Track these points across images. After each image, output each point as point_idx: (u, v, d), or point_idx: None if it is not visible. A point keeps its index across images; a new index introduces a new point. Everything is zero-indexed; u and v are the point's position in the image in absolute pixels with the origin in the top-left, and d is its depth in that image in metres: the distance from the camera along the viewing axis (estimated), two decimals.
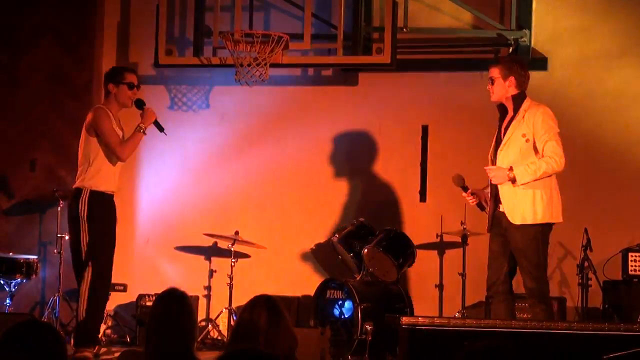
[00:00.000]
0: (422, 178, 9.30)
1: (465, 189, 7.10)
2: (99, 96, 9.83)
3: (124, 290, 9.36)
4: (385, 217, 9.06)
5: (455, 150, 9.17)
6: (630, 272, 8.30)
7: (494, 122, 9.17)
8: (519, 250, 6.80)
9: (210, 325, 9.00)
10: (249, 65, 8.56)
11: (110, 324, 9.15)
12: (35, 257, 9.22)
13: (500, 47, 9.22)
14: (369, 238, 8.56)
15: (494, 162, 6.97)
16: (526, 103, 6.96)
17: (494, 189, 6.93)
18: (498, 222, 6.93)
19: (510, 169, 6.76)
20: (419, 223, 9.19)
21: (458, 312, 8.58)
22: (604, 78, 8.97)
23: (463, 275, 8.62)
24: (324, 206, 9.48)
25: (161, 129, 7.84)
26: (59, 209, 9.20)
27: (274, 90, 9.38)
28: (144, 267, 9.68)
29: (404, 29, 9.03)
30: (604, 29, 9.00)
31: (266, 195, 9.60)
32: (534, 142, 6.80)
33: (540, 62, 9.05)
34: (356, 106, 9.43)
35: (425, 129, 9.32)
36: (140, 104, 7.79)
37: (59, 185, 9.45)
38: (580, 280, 8.44)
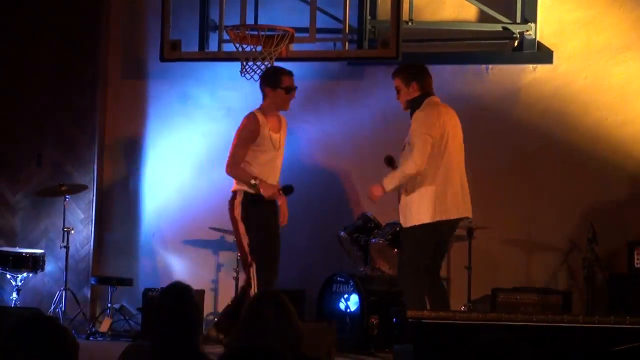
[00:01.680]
0: None
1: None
2: (104, 91, 9.85)
3: (130, 284, 9.38)
4: (391, 211, 9.05)
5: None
6: (636, 266, 8.31)
7: (499, 114, 9.18)
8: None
9: (216, 319, 9.01)
10: (254, 59, 8.55)
11: (116, 318, 9.17)
12: (41, 251, 9.24)
13: (506, 41, 9.21)
14: (375, 231, 8.56)
15: None
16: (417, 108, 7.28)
17: None
18: None
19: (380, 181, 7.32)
20: None
21: (464, 306, 8.59)
22: (610, 71, 8.97)
23: (469, 268, 8.62)
24: (330, 200, 9.48)
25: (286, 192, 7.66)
26: (65, 203, 9.21)
27: None
28: (150, 261, 9.70)
29: (409, 23, 9.02)
30: (610, 22, 8.99)
31: None
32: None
33: (546, 56, 9.05)
34: (362, 100, 9.43)
35: None
36: (287, 191, 7.62)
37: (65, 180, 9.47)
38: (586, 274, 8.44)
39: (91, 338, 8.94)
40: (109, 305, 9.18)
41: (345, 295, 8.47)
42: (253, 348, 2.71)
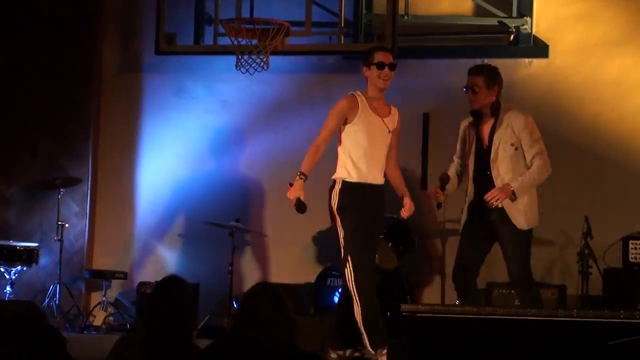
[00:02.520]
0: (423, 166, 9.30)
1: (444, 189, 7.18)
2: (98, 83, 9.83)
3: (125, 277, 9.38)
4: (385, 205, 9.04)
5: (456, 138, 9.15)
6: (630, 260, 8.31)
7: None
8: (506, 242, 7.10)
9: (210, 314, 9.00)
10: (249, 53, 8.54)
11: (110, 311, 9.16)
12: (35, 244, 9.23)
13: (502, 35, 9.20)
14: None
15: (479, 172, 7.06)
16: (504, 109, 7.05)
17: (476, 189, 7.06)
18: (480, 215, 7.04)
19: (509, 185, 6.88)
20: (420, 210, 9.15)
21: (459, 300, 8.57)
22: (605, 65, 8.96)
23: None
24: (325, 194, 9.46)
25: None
26: (59, 197, 9.20)
27: (274, 78, 9.36)
28: (145, 255, 9.69)
29: (405, 17, 9.01)
30: (605, 17, 8.98)
31: (267, 183, 9.59)
32: (522, 150, 6.96)
33: (542, 50, 9.05)
34: None
35: (426, 117, 9.31)
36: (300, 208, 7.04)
37: (60, 172, 9.45)
38: (580, 268, 8.44)
39: (85, 331, 8.93)
40: (103, 298, 9.18)
41: (340, 289, 8.46)
42: (241, 339, 2.71)
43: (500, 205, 6.90)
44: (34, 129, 9.67)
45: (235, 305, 8.65)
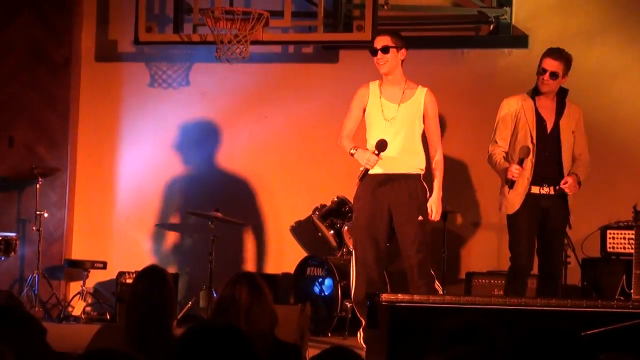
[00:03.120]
0: None
1: (521, 162, 6.96)
2: (77, 72, 9.78)
3: (104, 267, 9.35)
4: None
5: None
6: (608, 250, 8.34)
7: (475, 98, 9.18)
8: (560, 241, 7.25)
9: (190, 303, 8.99)
10: (229, 42, 8.52)
11: (89, 301, 9.14)
12: (14, 234, 9.18)
13: (481, 25, 9.22)
14: (350, 215, 8.57)
15: (542, 154, 7.05)
16: (565, 96, 7.21)
17: (537, 174, 7.05)
18: (535, 203, 7.06)
19: (577, 176, 7.08)
20: None
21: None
22: (584, 56, 8.96)
23: (443, 253, 8.63)
24: (305, 183, 9.47)
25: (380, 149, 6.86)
26: (37, 186, 9.16)
27: (254, 68, 9.35)
28: (124, 245, 9.66)
29: (385, 6, 9.01)
30: (584, 7, 9.01)
31: (247, 173, 9.58)
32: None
33: (521, 40, 9.06)
34: (337, 83, 9.41)
35: None
36: (381, 146, 6.82)
37: (38, 162, 9.40)
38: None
39: (64, 321, 8.91)
40: (83, 288, 9.15)
41: (320, 279, 8.48)
42: (216, 325, 2.72)
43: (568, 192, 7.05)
44: (11, 119, 9.61)
45: (215, 295, 8.65)
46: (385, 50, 7.03)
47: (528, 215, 7.07)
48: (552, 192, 7.05)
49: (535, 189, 7.03)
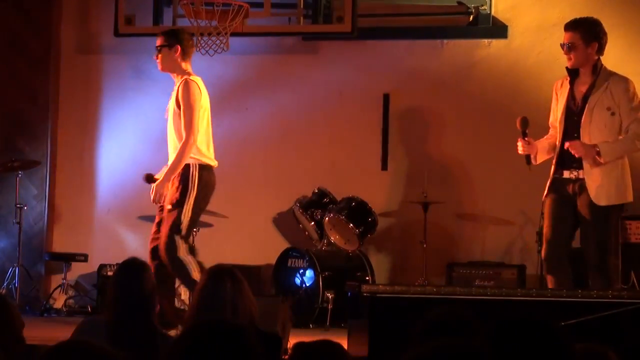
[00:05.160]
0: (384, 146, 9.32)
1: (525, 134, 6.69)
2: (56, 65, 9.75)
3: (85, 260, 9.33)
4: (346, 186, 9.07)
5: (416, 118, 9.19)
6: None
7: (455, 88, 9.20)
8: (592, 226, 6.54)
9: None
10: (209, 34, 8.50)
11: (71, 294, 9.13)
12: None
13: (461, 15, 9.22)
14: (330, 206, 8.58)
15: (567, 133, 6.59)
16: (605, 71, 6.57)
17: (564, 156, 6.60)
18: (561, 187, 6.61)
19: (596, 146, 6.42)
20: (380, 191, 9.21)
21: (419, 280, 8.62)
22: None
23: (424, 243, 8.65)
24: (286, 175, 9.47)
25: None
26: (17, 179, 9.13)
27: (234, 60, 9.33)
28: (105, 237, 9.64)
29: None
30: None
31: (227, 164, 9.55)
32: (620, 116, 6.48)
33: (501, 30, 9.08)
34: (317, 75, 9.42)
35: (386, 97, 9.32)
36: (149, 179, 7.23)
37: (18, 155, 9.37)
38: (540, 249, 8.49)
39: (45, 314, 8.89)
40: (64, 281, 9.13)
41: (301, 270, 8.49)
42: (215, 322, 2.70)
43: (580, 157, 6.44)
44: None
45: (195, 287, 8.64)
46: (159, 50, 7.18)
47: (553, 201, 6.65)
48: (580, 176, 6.51)
49: (564, 173, 6.58)
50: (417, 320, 3.56)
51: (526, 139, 6.68)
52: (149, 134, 9.63)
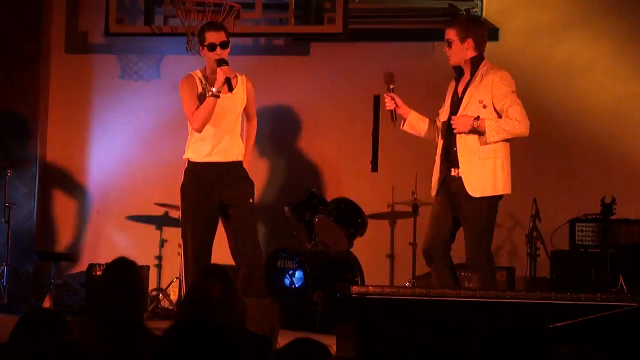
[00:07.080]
0: (374, 148, 9.30)
1: (390, 89, 6.89)
2: (46, 64, 9.74)
3: (74, 259, 9.33)
4: (336, 187, 9.08)
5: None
6: (577, 242, 8.39)
7: (444, 92, 9.20)
8: (469, 219, 6.64)
9: (161, 295, 9.00)
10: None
11: (60, 293, 9.11)
12: None
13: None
14: (320, 208, 8.58)
15: (445, 131, 6.71)
16: (484, 67, 6.67)
17: (448, 153, 6.68)
18: (447, 185, 6.70)
19: (477, 117, 6.47)
20: (370, 193, 9.22)
21: (408, 282, 8.63)
22: (554, 49, 9.04)
23: (414, 245, 8.66)
24: (275, 176, 9.48)
25: (230, 89, 7.22)
26: (6, 178, 9.11)
27: None
28: (94, 237, 9.63)
29: None
30: (553, 1, 9.05)
31: None
32: (493, 108, 6.54)
33: (492, 33, 9.08)
34: (308, 76, 9.43)
35: (377, 99, 9.30)
36: (220, 63, 7.11)
37: (7, 153, 9.35)
38: (528, 250, 8.52)
39: None
40: (52, 280, 9.11)
41: (290, 272, 8.48)
42: (200, 322, 2.70)
43: (458, 131, 6.52)
44: None
45: (185, 287, 8.64)
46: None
47: (437, 203, 6.74)
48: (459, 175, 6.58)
49: (452, 171, 6.62)
50: (408, 322, 3.56)
51: (390, 94, 6.88)
52: (139, 134, 9.64)
